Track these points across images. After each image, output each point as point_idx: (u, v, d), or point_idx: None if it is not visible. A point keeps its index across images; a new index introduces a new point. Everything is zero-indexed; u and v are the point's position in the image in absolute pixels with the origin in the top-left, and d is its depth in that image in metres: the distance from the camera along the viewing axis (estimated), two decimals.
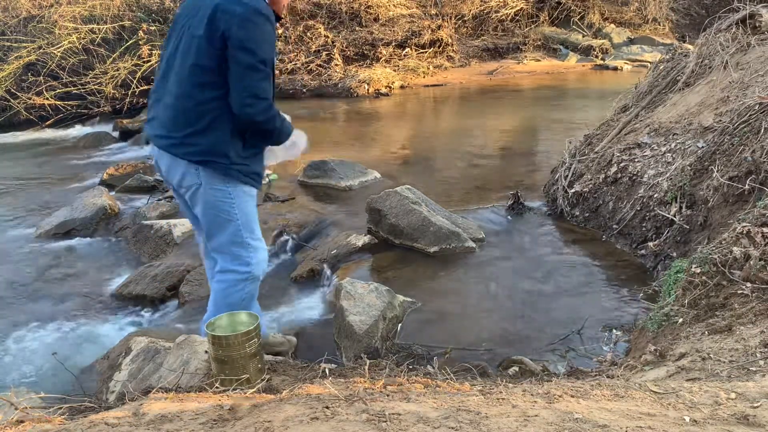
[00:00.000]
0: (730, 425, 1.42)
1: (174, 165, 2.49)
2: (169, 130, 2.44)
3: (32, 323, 3.96)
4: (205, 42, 2.30)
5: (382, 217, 4.41)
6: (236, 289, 2.67)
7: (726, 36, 5.09)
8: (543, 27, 14.73)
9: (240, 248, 2.64)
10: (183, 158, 2.44)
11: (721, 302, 2.57)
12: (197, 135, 2.40)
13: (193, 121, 2.39)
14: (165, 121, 2.47)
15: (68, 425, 1.62)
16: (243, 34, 2.26)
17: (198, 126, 2.39)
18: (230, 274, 2.66)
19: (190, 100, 2.38)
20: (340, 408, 1.52)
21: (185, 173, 2.48)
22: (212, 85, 2.35)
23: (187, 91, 2.38)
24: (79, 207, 5.64)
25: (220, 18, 2.27)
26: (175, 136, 2.43)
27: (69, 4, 11.26)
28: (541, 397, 1.59)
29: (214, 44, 2.29)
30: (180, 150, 2.44)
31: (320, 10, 12.64)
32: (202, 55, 2.32)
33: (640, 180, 4.29)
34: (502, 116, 9.12)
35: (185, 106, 2.39)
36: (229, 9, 2.27)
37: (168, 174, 2.57)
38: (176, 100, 2.42)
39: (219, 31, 2.27)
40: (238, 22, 2.26)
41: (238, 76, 2.30)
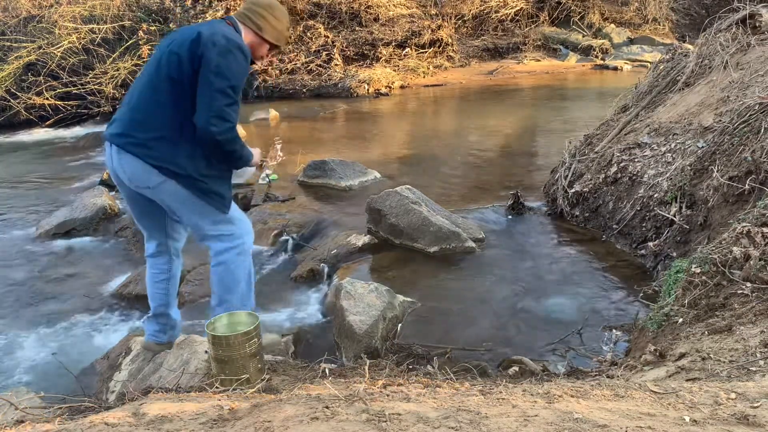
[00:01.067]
0: (730, 425, 1.42)
1: (133, 164, 2.53)
2: (133, 130, 2.52)
3: (32, 323, 3.96)
4: (184, 60, 2.44)
5: (382, 217, 4.41)
6: (238, 263, 2.71)
7: (726, 36, 5.09)
8: (543, 27, 14.73)
9: (227, 224, 2.69)
10: (141, 158, 2.50)
11: (721, 302, 2.57)
12: (159, 140, 2.50)
13: (158, 127, 2.50)
14: (128, 122, 2.55)
15: (68, 425, 1.62)
16: (220, 61, 2.43)
17: (161, 132, 2.50)
18: (227, 253, 2.69)
19: (159, 107, 2.49)
20: (340, 408, 1.52)
21: (145, 172, 2.53)
22: (181, 100, 2.47)
23: (158, 99, 2.49)
24: (79, 207, 5.64)
25: (203, 43, 2.43)
26: (137, 137, 2.51)
27: (69, 4, 11.25)
28: (541, 397, 1.59)
29: (192, 64, 2.44)
30: (140, 150, 2.50)
31: (320, 10, 12.64)
32: (176, 69, 2.46)
33: (640, 180, 4.29)
34: (502, 116, 9.12)
35: (153, 111, 2.50)
36: (213, 38, 2.44)
37: (123, 172, 2.58)
38: (145, 105, 2.53)
39: (198, 54, 2.43)
40: (218, 50, 2.43)
41: (207, 97, 2.44)
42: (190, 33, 2.50)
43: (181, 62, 2.45)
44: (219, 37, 2.45)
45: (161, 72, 2.49)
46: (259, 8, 2.64)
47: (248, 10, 2.65)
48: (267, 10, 2.65)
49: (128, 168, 2.55)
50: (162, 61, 2.51)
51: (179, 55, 2.45)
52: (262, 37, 2.65)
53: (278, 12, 2.69)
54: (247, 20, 2.62)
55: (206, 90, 2.43)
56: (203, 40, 2.43)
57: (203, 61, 2.42)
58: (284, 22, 2.70)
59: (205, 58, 2.42)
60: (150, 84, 2.54)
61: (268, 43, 2.68)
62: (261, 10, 2.64)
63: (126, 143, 2.52)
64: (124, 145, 2.52)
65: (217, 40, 2.44)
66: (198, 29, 2.50)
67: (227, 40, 2.46)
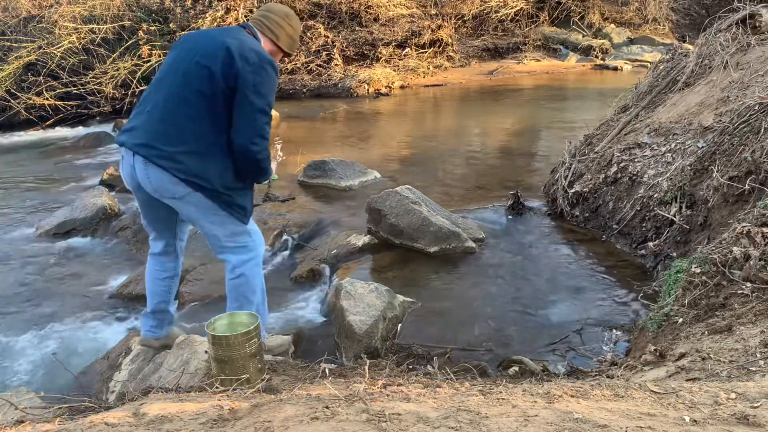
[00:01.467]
0: (730, 425, 1.42)
1: (160, 176, 2.52)
2: (160, 143, 2.49)
3: (32, 323, 3.96)
4: (217, 75, 2.42)
5: (382, 217, 4.40)
6: (254, 274, 2.76)
7: (726, 36, 5.09)
8: (543, 27, 14.73)
9: (245, 236, 2.72)
10: (169, 171, 2.49)
11: (721, 302, 2.57)
12: (188, 154, 2.49)
13: (188, 140, 2.48)
14: (154, 133, 2.52)
15: (68, 425, 1.62)
16: (257, 80, 2.45)
17: (190, 147, 2.48)
18: (244, 265, 2.73)
19: (189, 121, 2.47)
20: (340, 408, 1.52)
21: (172, 184, 2.52)
22: (211, 115, 2.47)
23: (188, 112, 2.47)
24: (79, 207, 5.64)
25: (236, 60, 2.43)
26: (164, 150, 2.48)
27: (69, 4, 11.26)
28: (541, 397, 1.59)
29: (227, 81, 2.43)
30: (167, 163, 2.48)
31: (320, 10, 12.64)
32: (208, 84, 2.44)
33: (640, 180, 4.29)
34: (502, 116, 9.12)
35: (183, 125, 2.48)
36: (246, 54, 2.45)
37: (149, 183, 2.56)
38: (173, 118, 2.49)
39: (233, 71, 2.42)
40: (253, 68, 2.44)
41: (249, 117, 2.47)
42: (217, 45, 2.48)
43: (213, 77, 2.43)
44: (250, 52, 2.46)
45: (191, 85, 2.47)
46: (276, 17, 2.67)
47: (265, 18, 2.67)
48: (284, 19, 2.68)
49: (155, 180, 2.53)
50: (190, 74, 2.48)
51: (210, 69, 2.44)
52: (278, 46, 2.68)
53: (293, 20, 2.73)
54: (265, 29, 2.65)
55: (248, 109, 2.46)
56: (236, 57, 2.43)
57: (239, 79, 2.43)
58: (298, 31, 2.74)
59: (242, 76, 2.43)
60: (178, 96, 2.50)
61: (282, 51, 2.73)
62: (278, 19, 2.67)
63: (154, 155, 2.49)
64: (152, 157, 2.49)
65: (250, 57, 2.45)
66: (225, 42, 2.47)
67: (259, 57, 2.48)
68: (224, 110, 2.48)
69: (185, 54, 2.56)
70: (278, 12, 2.70)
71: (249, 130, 2.48)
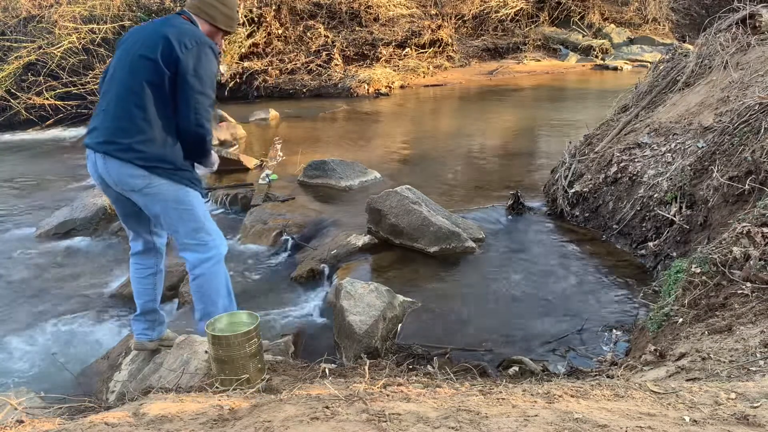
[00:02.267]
0: (730, 425, 1.42)
1: (120, 168, 2.60)
2: (117, 136, 2.59)
3: (32, 323, 3.96)
4: (160, 64, 2.53)
5: (382, 217, 4.40)
6: (215, 272, 2.78)
7: (726, 36, 5.09)
8: (543, 27, 14.73)
9: (204, 234, 2.77)
10: (130, 161, 2.57)
11: (721, 302, 2.57)
12: (146, 143, 2.58)
13: (144, 130, 2.57)
14: (110, 128, 2.61)
15: (68, 425, 1.62)
16: (197, 64, 2.56)
17: (147, 135, 2.58)
18: (203, 264, 2.77)
19: (140, 111, 2.56)
20: (340, 408, 1.52)
21: (133, 175, 2.60)
22: (161, 101, 2.57)
23: (138, 103, 2.56)
24: (79, 207, 5.64)
25: (175, 47, 2.53)
26: (123, 142, 2.58)
27: (69, 4, 11.25)
28: (541, 397, 1.59)
29: (168, 68, 2.54)
30: (128, 155, 2.57)
31: (320, 10, 12.64)
32: (153, 74, 2.55)
33: (640, 180, 4.29)
34: (502, 116, 9.12)
35: (135, 115, 2.57)
36: (184, 41, 2.56)
37: (109, 177, 2.65)
38: (125, 111, 2.58)
39: (173, 58, 2.53)
40: (193, 53, 2.55)
41: (192, 100, 2.57)
42: (157, 36, 2.58)
43: (157, 66, 2.53)
44: (187, 38, 2.57)
45: (138, 77, 2.56)
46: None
47: (199, 1, 2.73)
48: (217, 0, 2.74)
49: (114, 173, 2.62)
50: (136, 67, 2.58)
51: (152, 59, 2.54)
52: (216, 26, 2.75)
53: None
54: (200, 12, 2.72)
55: (189, 93, 2.56)
56: (174, 44, 2.53)
57: (180, 65, 2.53)
58: (233, 7, 2.80)
59: (182, 62, 2.53)
60: (128, 89, 2.59)
61: (222, 31, 2.79)
62: (212, 0, 2.73)
63: (113, 149, 2.58)
64: (112, 151, 2.59)
65: (188, 43, 2.55)
66: (163, 31, 2.58)
67: (197, 40, 2.58)
68: (172, 96, 2.58)
69: (129, 48, 2.66)
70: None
71: (193, 113, 2.58)
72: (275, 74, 11.56)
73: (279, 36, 11.92)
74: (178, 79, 2.54)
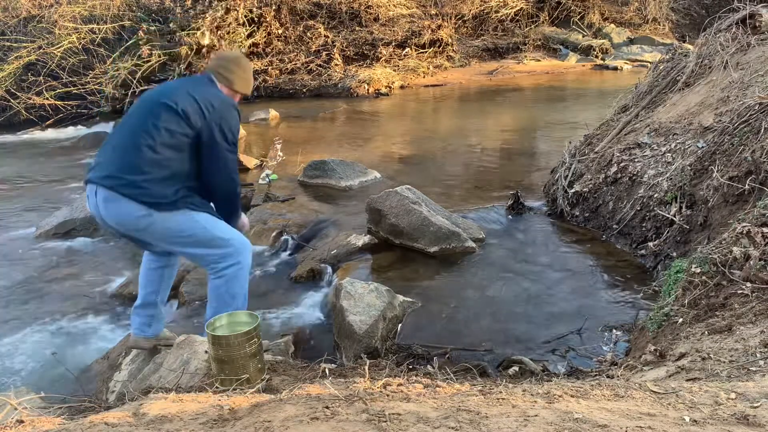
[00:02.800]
0: (730, 425, 1.42)
1: (121, 206, 2.64)
2: (123, 172, 2.64)
3: (32, 323, 3.95)
4: (182, 116, 2.65)
5: (382, 217, 4.40)
6: (238, 277, 2.80)
7: (726, 36, 5.09)
8: (543, 27, 14.73)
9: (224, 246, 2.77)
10: (132, 198, 2.62)
11: (721, 302, 2.57)
12: (151, 182, 2.63)
13: (151, 170, 2.63)
14: (117, 164, 2.67)
15: (68, 425, 1.62)
16: (224, 124, 2.72)
17: (153, 175, 2.63)
18: (228, 269, 2.78)
19: (151, 151, 2.63)
20: (340, 408, 1.52)
21: (135, 213, 2.64)
22: (174, 149, 2.66)
23: (150, 144, 2.63)
24: (79, 207, 5.64)
25: (202, 107, 2.68)
26: (128, 178, 2.62)
27: (69, 4, 11.25)
28: (541, 397, 1.59)
29: (190, 123, 2.66)
30: (131, 191, 2.62)
31: (320, 10, 12.64)
32: (173, 123, 2.65)
33: (640, 180, 4.29)
34: (502, 116, 9.12)
35: (145, 155, 2.63)
36: (211, 100, 2.72)
37: (110, 217, 2.70)
38: (135, 149, 2.64)
39: (199, 116, 2.67)
40: (218, 113, 2.71)
41: (221, 159, 2.73)
42: (182, 91, 2.72)
43: (178, 117, 2.64)
44: (214, 98, 2.74)
45: (155, 121, 2.65)
46: (228, 63, 2.91)
47: (219, 66, 2.90)
48: (235, 65, 2.92)
49: (114, 211, 2.67)
50: (155, 112, 2.67)
51: (174, 109, 2.65)
52: (234, 90, 2.91)
53: (244, 63, 2.97)
54: (220, 77, 2.87)
55: (218, 150, 2.71)
56: (201, 104, 2.68)
57: (206, 125, 2.67)
58: (250, 72, 2.99)
59: (207, 122, 2.68)
60: (142, 130, 2.65)
61: (239, 93, 2.95)
62: (230, 65, 2.90)
63: (118, 184, 2.62)
64: (116, 186, 2.62)
65: (214, 102, 2.72)
66: (189, 89, 2.73)
67: (221, 101, 2.75)
68: (189, 146, 2.68)
69: (150, 96, 2.80)
70: (229, 59, 2.96)
71: (221, 168, 2.74)
72: (275, 74, 11.56)
73: (279, 36, 11.92)
74: (205, 138, 2.68)
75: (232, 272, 2.77)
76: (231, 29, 11.12)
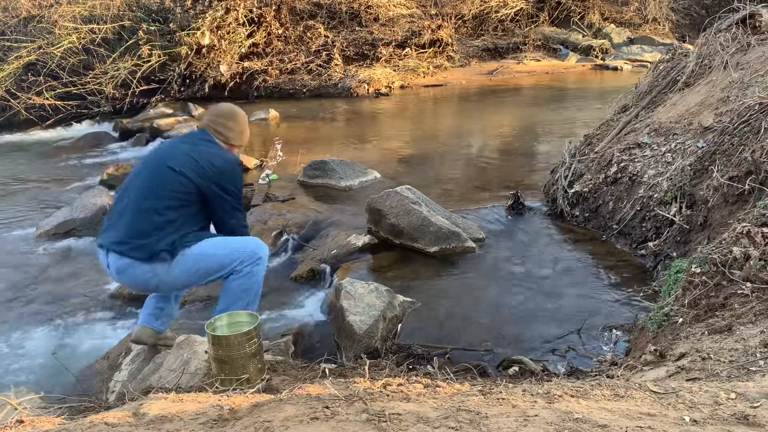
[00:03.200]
0: (730, 425, 1.42)
1: (131, 268, 2.76)
2: (130, 237, 2.76)
3: (32, 323, 3.96)
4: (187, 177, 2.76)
5: (382, 217, 4.41)
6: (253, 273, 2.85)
7: (726, 36, 5.09)
8: (543, 27, 14.72)
9: (238, 256, 2.82)
10: (139, 260, 2.74)
11: (721, 302, 2.57)
12: (156, 242, 2.74)
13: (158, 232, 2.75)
14: (123, 228, 2.79)
15: (68, 425, 1.62)
16: (228, 182, 2.83)
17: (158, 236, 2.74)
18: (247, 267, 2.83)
19: (157, 215, 2.75)
20: (340, 408, 1.52)
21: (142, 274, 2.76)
22: (180, 208, 2.79)
23: (156, 207, 2.75)
24: (79, 207, 5.64)
25: (206, 168, 2.78)
26: (135, 243, 2.74)
27: (69, 4, 11.24)
28: (541, 397, 1.59)
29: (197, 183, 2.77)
30: (137, 253, 2.74)
31: (320, 10, 12.63)
32: (178, 184, 2.76)
33: (640, 180, 4.29)
34: (502, 116, 9.12)
35: (152, 220, 2.75)
36: (213, 161, 2.81)
37: (124, 280, 2.88)
38: (142, 213, 2.77)
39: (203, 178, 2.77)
40: (222, 172, 2.81)
41: (229, 213, 2.89)
42: (183, 153, 2.82)
43: (182, 179, 2.75)
44: (215, 158, 2.83)
45: (159, 183, 2.77)
46: (222, 119, 2.99)
47: (213, 122, 2.98)
48: (229, 119, 3.00)
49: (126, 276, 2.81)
50: (159, 174, 2.79)
51: (178, 171, 2.75)
52: (231, 145, 3.00)
53: (237, 116, 3.03)
54: (216, 134, 2.96)
55: (227, 207, 2.86)
56: (205, 165, 2.78)
57: (212, 185, 2.78)
58: (244, 124, 3.06)
59: (213, 181, 2.79)
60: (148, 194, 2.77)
61: (235, 146, 3.04)
62: (224, 121, 2.98)
63: (126, 249, 2.74)
64: (125, 251, 2.74)
65: (216, 162, 2.81)
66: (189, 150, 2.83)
67: (224, 160, 2.86)
68: (195, 202, 2.80)
69: (152, 159, 2.92)
70: (223, 114, 3.02)
71: (232, 222, 2.89)
72: (275, 74, 11.55)
73: (279, 36, 11.92)
74: (212, 196, 2.80)
75: (249, 269, 2.83)
76: (231, 29, 11.11)
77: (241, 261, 2.80)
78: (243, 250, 2.82)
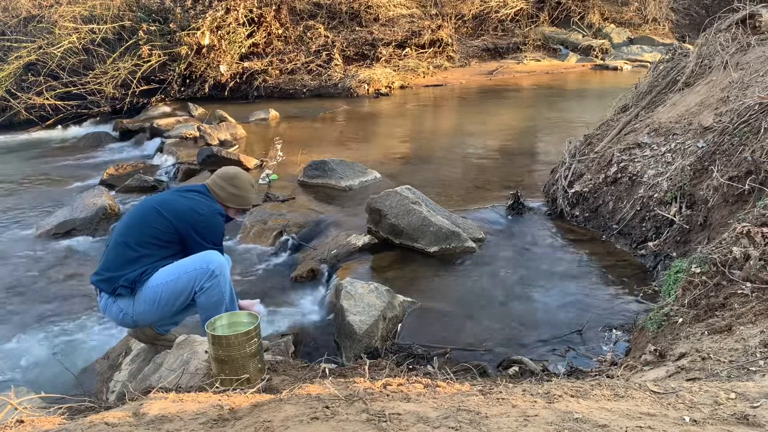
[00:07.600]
0: (730, 425, 1.42)
1: (111, 305, 2.90)
2: (104, 269, 2.93)
3: (32, 323, 3.96)
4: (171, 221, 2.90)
5: (382, 217, 4.41)
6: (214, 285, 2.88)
7: (726, 36, 5.09)
8: (543, 27, 14.73)
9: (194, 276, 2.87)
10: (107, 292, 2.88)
11: (721, 302, 2.57)
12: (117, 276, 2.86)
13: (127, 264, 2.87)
14: (102, 262, 2.96)
15: (68, 425, 1.62)
16: (205, 228, 2.97)
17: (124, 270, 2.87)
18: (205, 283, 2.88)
19: (130, 250, 2.89)
20: (340, 408, 1.52)
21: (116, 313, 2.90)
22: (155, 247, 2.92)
23: (130, 243, 2.90)
24: (79, 207, 5.64)
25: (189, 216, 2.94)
26: (105, 274, 2.90)
27: (69, 4, 11.25)
28: (541, 397, 1.59)
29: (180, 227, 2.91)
30: (104, 285, 2.89)
31: (320, 10, 12.64)
32: (160, 224, 2.91)
33: (640, 180, 4.29)
34: (502, 116, 9.12)
35: (124, 253, 2.89)
36: (198, 210, 2.96)
37: (111, 317, 2.97)
38: (119, 248, 2.92)
39: (186, 223, 2.92)
40: (204, 223, 2.96)
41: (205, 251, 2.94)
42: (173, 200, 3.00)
43: (167, 221, 2.90)
44: (204, 208, 2.98)
45: (147, 224, 2.92)
46: (222, 182, 3.13)
47: (214, 184, 3.13)
48: (228, 182, 3.12)
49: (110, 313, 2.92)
50: (147, 216, 2.94)
51: (163, 216, 2.91)
52: (226, 206, 3.13)
53: (237, 181, 3.14)
54: (214, 193, 3.11)
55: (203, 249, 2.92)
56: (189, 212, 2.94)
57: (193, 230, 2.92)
58: (244, 188, 3.16)
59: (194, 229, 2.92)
60: (130, 233, 2.92)
61: (232, 208, 3.17)
62: (223, 184, 3.12)
63: (107, 288, 2.87)
64: (107, 289, 2.87)
65: (201, 210, 2.96)
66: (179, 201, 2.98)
67: (208, 210, 2.99)
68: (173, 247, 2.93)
69: (147, 201, 3.08)
70: (224, 176, 3.14)
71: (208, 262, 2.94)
72: (275, 74, 11.56)
73: (279, 36, 11.92)
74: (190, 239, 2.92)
75: (209, 284, 2.86)
76: (231, 29, 11.11)
77: (198, 279, 2.85)
78: (195, 269, 2.86)
